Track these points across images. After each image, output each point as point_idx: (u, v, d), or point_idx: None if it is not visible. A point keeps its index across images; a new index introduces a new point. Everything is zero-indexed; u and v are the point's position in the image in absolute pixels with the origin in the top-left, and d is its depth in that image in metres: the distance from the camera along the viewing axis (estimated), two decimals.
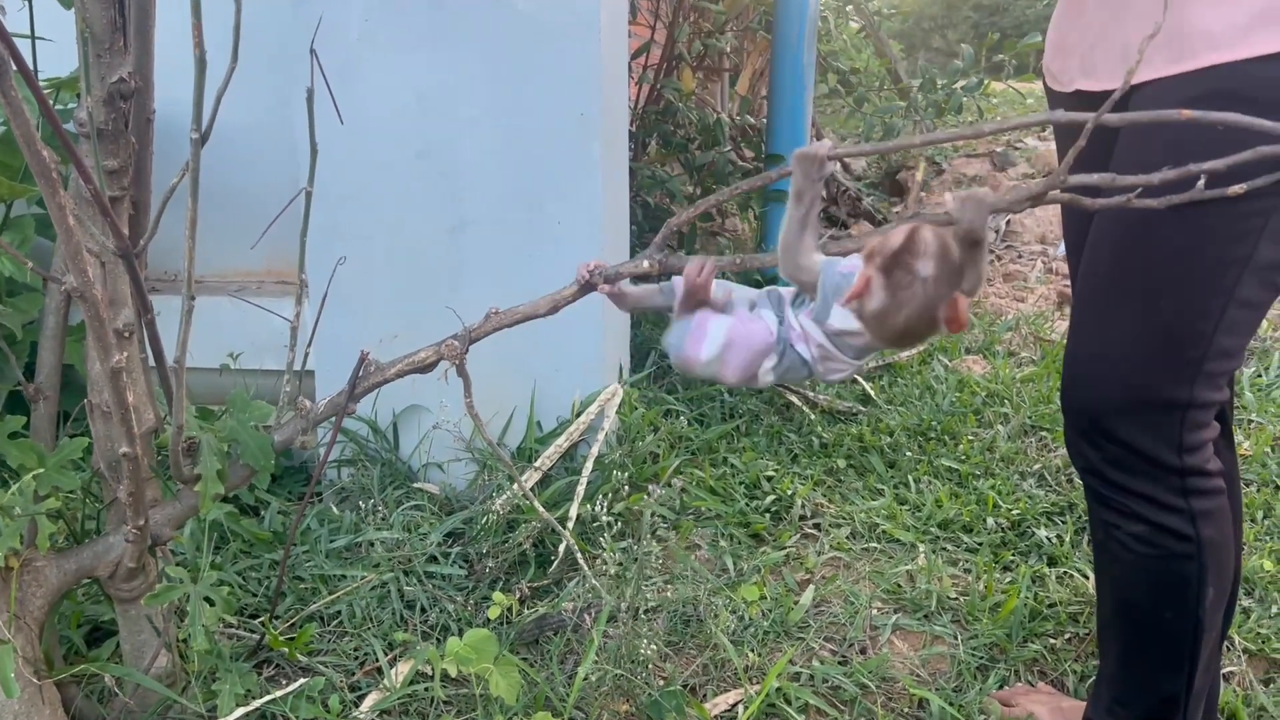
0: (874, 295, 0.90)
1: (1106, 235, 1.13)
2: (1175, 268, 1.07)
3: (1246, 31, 1.01)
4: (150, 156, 1.26)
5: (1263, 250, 1.05)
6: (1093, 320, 1.16)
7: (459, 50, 1.92)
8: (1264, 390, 2.68)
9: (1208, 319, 1.07)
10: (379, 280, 2.05)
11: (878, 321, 0.92)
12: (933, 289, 0.88)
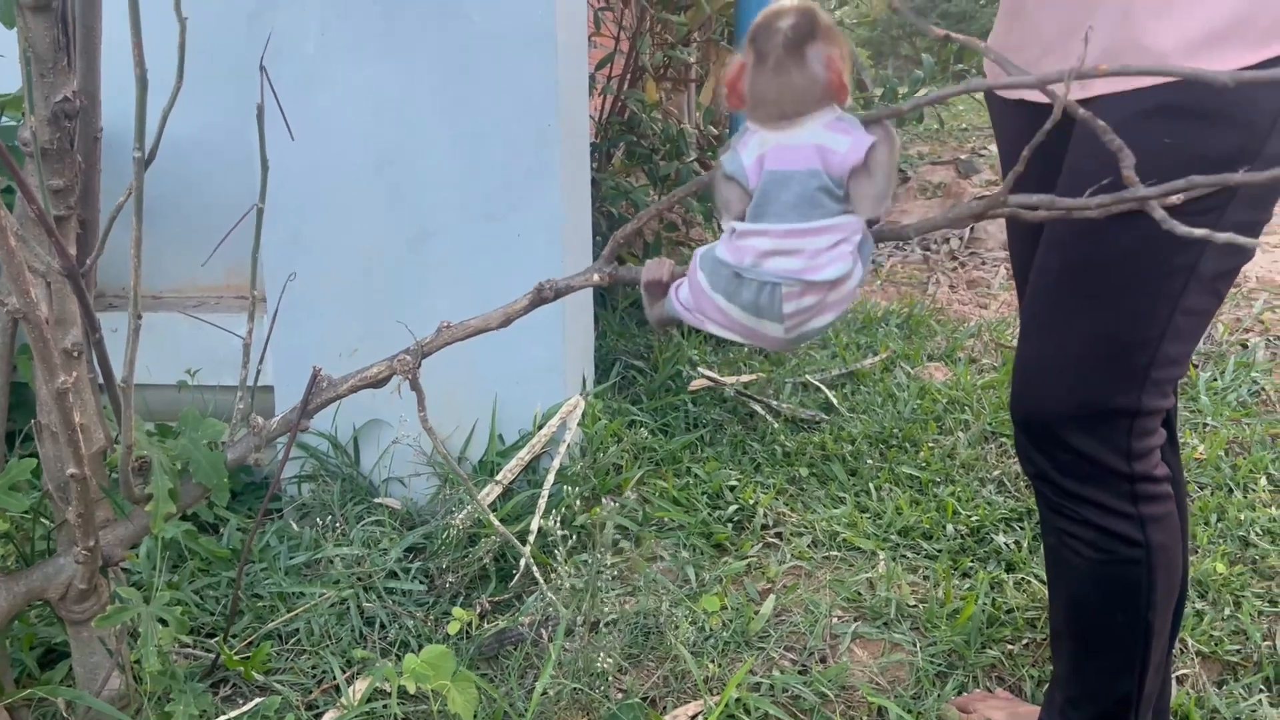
0: (747, 73, 0.91)
1: (1056, 246, 1.15)
2: (1122, 277, 1.08)
3: (1196, 49, 1.03)
4: (98, 174, 1.25)
5: (1207, 259, 1.07)
6: (1042, 329, 1.17)
7: (416, 62, 1.92)
8: (1219, 394, 2.72)
9: (1154, 327, 1.09)
10: (339, 292, 2.04)
11: (757, 100, 0.91)
12: (796, 40, 0.88)
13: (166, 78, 1.07)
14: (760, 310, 0.93)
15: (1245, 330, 3.26)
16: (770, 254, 0.91)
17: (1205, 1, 1.02)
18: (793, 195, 0.90)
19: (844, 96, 0.91)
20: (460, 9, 1.88)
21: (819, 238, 0.91)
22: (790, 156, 0.91)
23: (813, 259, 0.90)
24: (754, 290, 0.92)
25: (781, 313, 0.92)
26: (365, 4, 1.89)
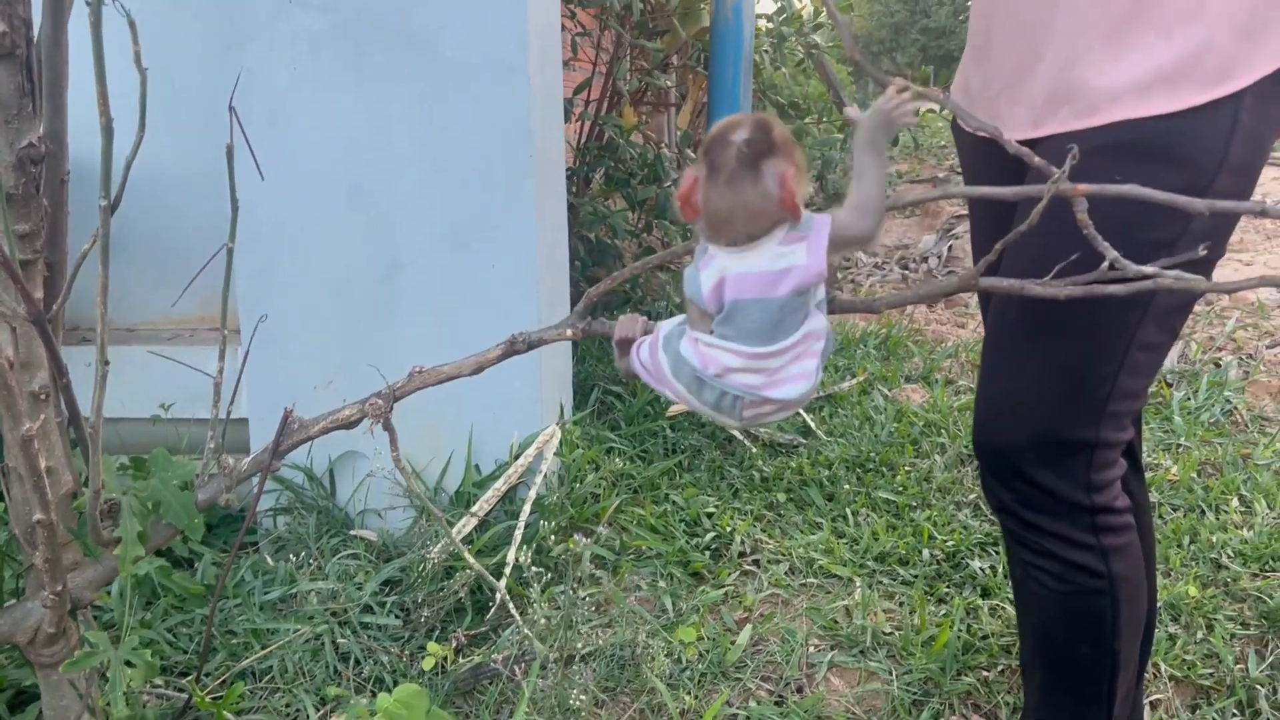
0: (701, 186, 0.90)
1: (1018, 274, 1.16)
2: (1079, 313, 1.10)
3: (1147, 90, 1.05)
4: (65, 217, 1.25)
5: (1161, 295, 1.09)
6: (1002, 362, 1.19)
7: (388, 95, 1.92)
8: (1192, 414, 2.74)
9: (1110, 362, 1.10)
10: (312, 324, 2.04)
11: (710, 216, 0.91)
12: (750, 155, 0.88)
13: (134, 120, 1.07)
14: (720, 410, 0.96)
15: (1218, 349, 3.30)
16: (735, 370, 0.93)
17: (1154, 44, 1.04)
18: (754, 323, 0.91)
19: (798, 215, 0.90)
20: (432, 42, 1.89)
21: (782, 357, 0.93)
22: (751, 284, 0.91)
23: (774, 376, 0.93)
24: (715, 395, 0.95)
25: (741, 416, 0.95)
26: (336, 39, 1.90)
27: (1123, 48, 1.05)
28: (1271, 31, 1.02)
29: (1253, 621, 1.78)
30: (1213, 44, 1.02)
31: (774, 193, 0.88)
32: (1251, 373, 3.05)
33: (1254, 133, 1.05)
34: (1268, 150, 1.11)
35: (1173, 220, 1.05)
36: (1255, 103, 1.04)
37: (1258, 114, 1.05)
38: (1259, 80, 1.03)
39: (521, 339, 1.24)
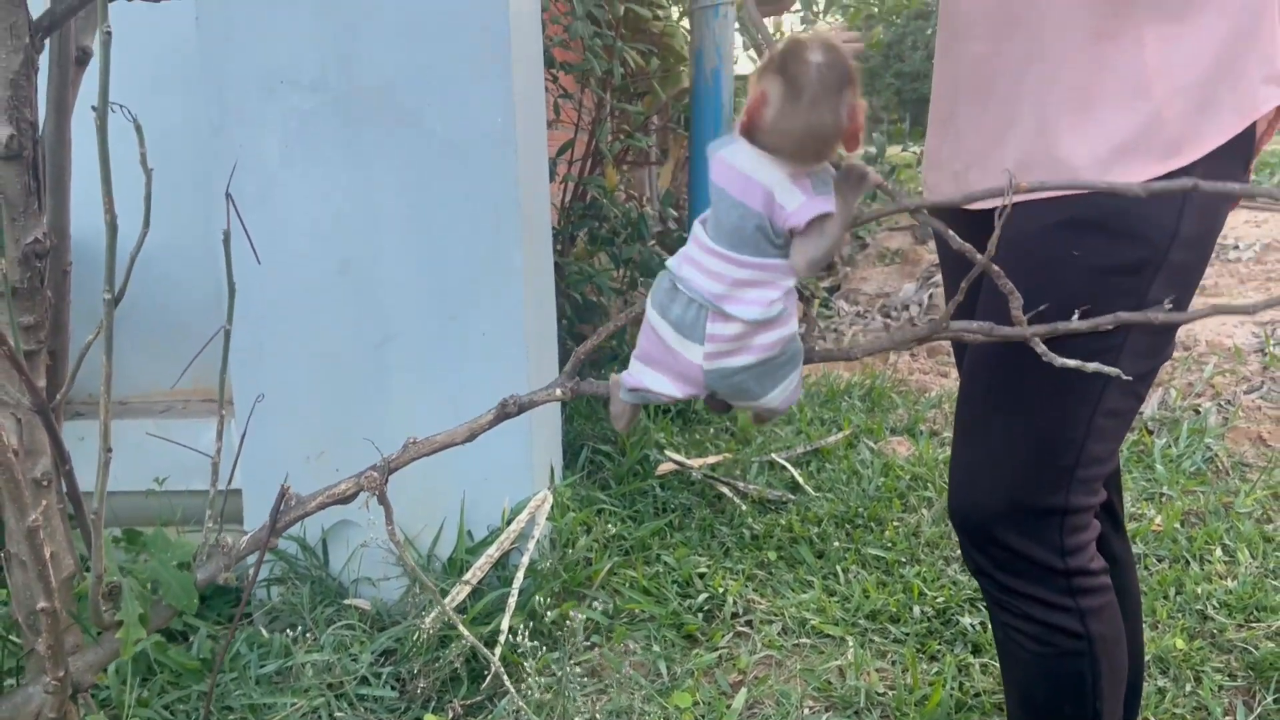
0: (770, 103, 0.87)
1: (984, 347, 1.20)
2: (1046, 380, 1.13)
3: (1105, 164, 1.09)
4: (67, 306, 1.28)
5: (1124, 363, 1.12)
6: (971, 431, 1.22)
7: (377, 170, 1.97)
8: (1174, 461, 2.78)
9: (1077, 429, 1.14)
10: (305, 396, 2.06)
11: (778, 132, 0.88)
12: (833, 81, 0.86)
13: (133, 209, 1.10)
14: (684, 328, 0.92)
15: (1197, 395, 3.35)
16: (697, 266, 0.91)
17: (1113, 118, 1.08)
18: (730, 223, 0.90)
19: (855, 147, 0.89)
20: (420, 118, 1.94)
21: (742, 270, 0.90)
22: (743, 187, 0.89)
23: (732, 289, 0.90)
24: (683, 305, 0.92)
25: (704, 333, 0.91)
26: (326, 116, 1.94)
27: (1082, 121, 1.10)
28: (1220, 107, 1.07)
29: (1240, 673, 1.81)
30: (1163, 118, 1.06)
31: (844, 123, 0.87)
32: (1230, 418, 3.10)
33: (1206, 206, 1.10)
34: (1222, 221, 1.16)
35: (1131, 293, 1.09)
36: (1206, 175, 1.08)
37: (1212, 180, 1.09)
38: (1209, 154, 1.08)
39: (512, 402, 1.26)
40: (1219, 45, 1.06)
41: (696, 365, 0.93)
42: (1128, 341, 1.12)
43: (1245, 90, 1.06)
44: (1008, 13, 1.14)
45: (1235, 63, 1.06)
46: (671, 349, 0.94)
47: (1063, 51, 1.11)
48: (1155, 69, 1.06)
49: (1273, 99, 1.08)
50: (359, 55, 1.92)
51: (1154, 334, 1.15)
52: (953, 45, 1.28)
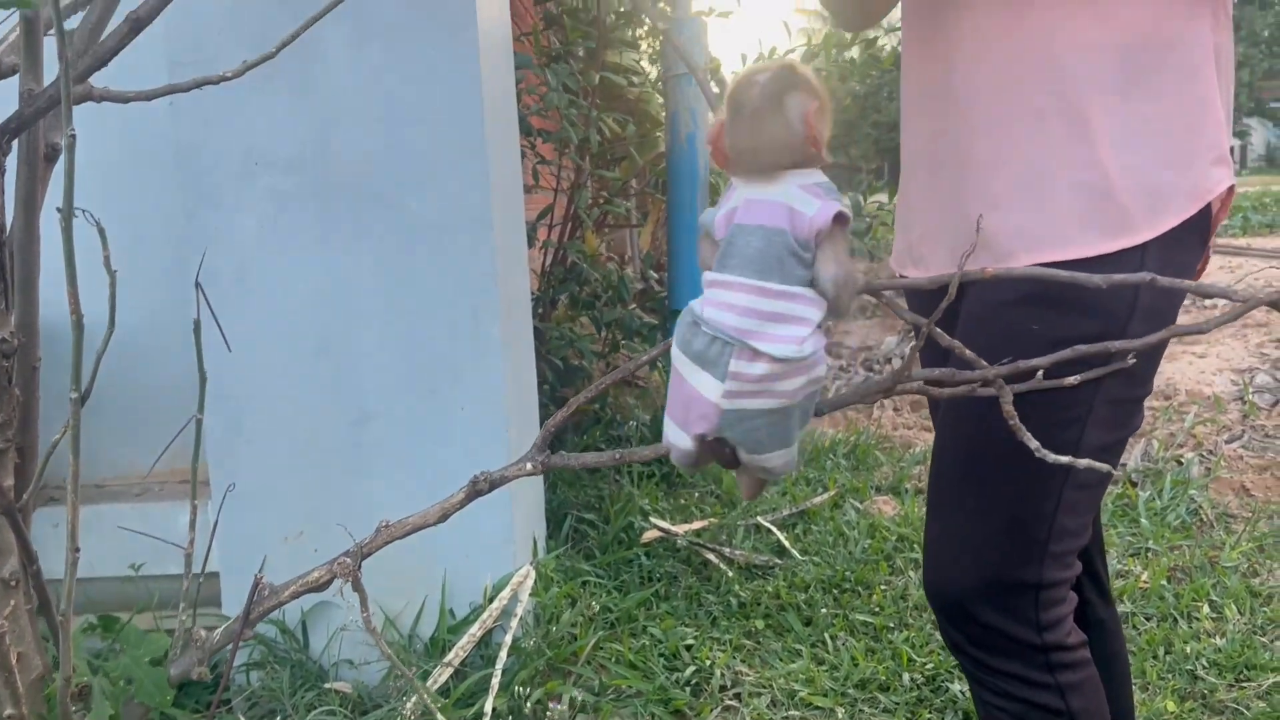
0: (728, 128, 0.90)
1: (951, 423, 1.20)
2: (1012, 455, 1.13)
3: (1057, 238, 1.10)
4: (36, 402, 1.27)
5: (1090, 435, 1.12)
6: (942, 507, 1.21)
7: (353, 252, 1.97)
8: (1159, 514, 2.78)
9: (1047, 504, 1.13)
10: (282, 476, 2.04)
11: (736, 151, 0.91)
12: (774, 90, 0.88)
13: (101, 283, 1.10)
14: (705, 361, 0.89)
15: (1179, 445, 3.36)
16: (725, 306, 0.89)
17: (1065, 194, 1.09)
18: (754, 249, 0.89)
19: (819, 149, 0.90)
20: (397, 199, 1.95)
21: (774, 301, 0.88)
22: (759, 211, 0.89)
23: (763, 324, 0.88)
24: (706, 341, 0.89)
25: (726, 370, 0.88)
26: (303, 199, 1.95)
27: (1034, 197, 1.11)
28: (1172, 190, 1.08)
29: None
30: (1115, 195, 1.06)
31: (797, 126, 0.88)
32: (1213, 469, 3.11)
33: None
34: (1181, 296, 1.17)
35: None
36: (1162, 251, 1.09)
37: (1166, 261, 1.09)
38: (1165, 232, 1.09)
39: (484, 479, 1.25)
40: (1166, 126, 1.07)
41: (710, 402, 0.90)
42: (1093, 413, 1.12)
43: (1196, 172, 1.08)
44: (954, 90, 1.16)
45: (1183, 145, 1.08)
46: (685, 380, 0.92)
47: (1011, 128, 1.12)
48: (1104, 146, 1.08)
49: (1223, 180, 1.09)
50: (336, 137, 1.94)
51: (1120, 405, 1.15)
52: (908, 119, 1.30)
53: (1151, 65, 1.09)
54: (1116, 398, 1.13)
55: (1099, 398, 1.12)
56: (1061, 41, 1.09)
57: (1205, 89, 1.10)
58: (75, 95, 1.07)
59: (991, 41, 1.13)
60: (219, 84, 1.91)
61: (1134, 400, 1.17)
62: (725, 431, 0.91)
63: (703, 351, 0.89)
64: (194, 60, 1.90)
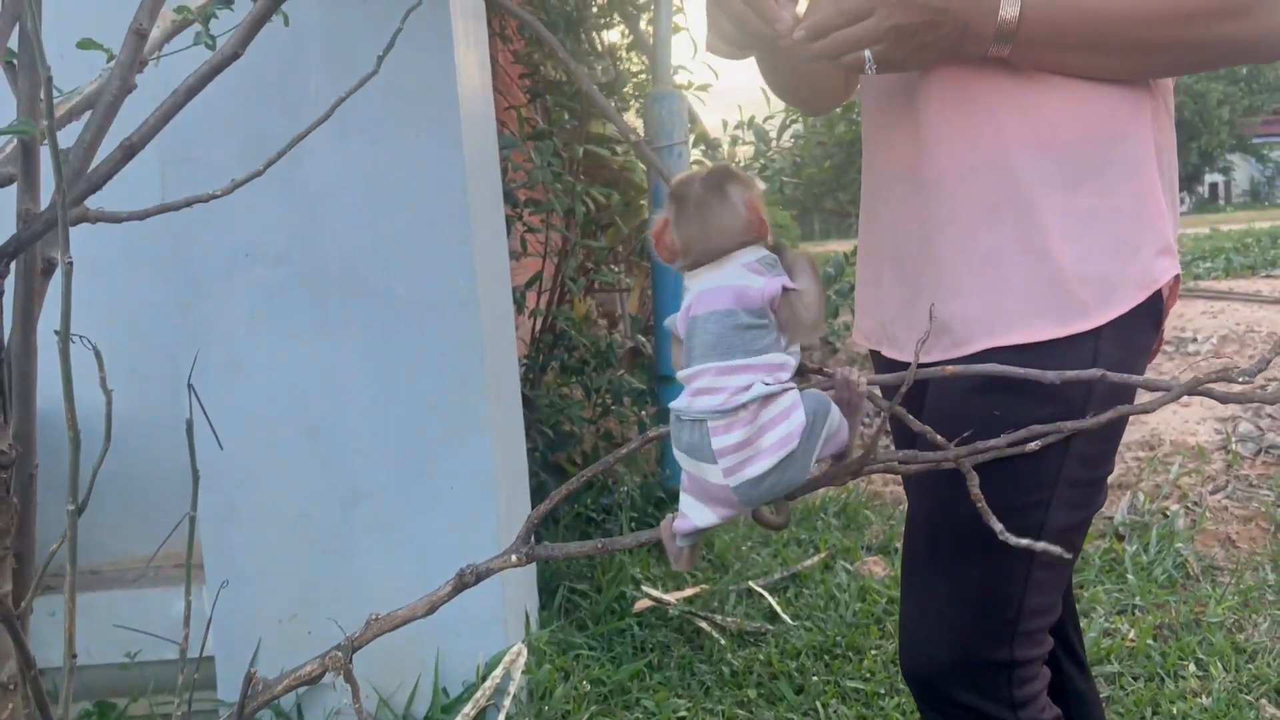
0: (669, 223, 0.95)
1: (919, 507, 1.24)
2: (978, 538, 1.16)
3: (1009, 323, 1.15)
4: (34, 509, 1.30)
5: (1054, 517, 1.16)
6: (913, 589, 1.25)
7: (342, 338, 2.02)
8: (1145, 569, 2.81)
9: (1014, 584, 1.17)
10: (275, 559, 2.07)
11: (685, 246, 0.95)
12: (715, 182, 0.94)
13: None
14: (695, 451, 0.92)
15: (1164, 497, 3.39)
16: (698, 392, 0.92)
17: (1019, 281, 1.14)
18: (711, 336, 0.92)
19: (765, 232, 0.95)
20: (384, 284, 2.00)
21: (738, 376, 0.91)
22: (709, 300, 0.93)
23: (733, 396, 0.90)
24: (689, 430, 0.92)
25: (712, 450, 0.90)
26: (292, 287, 2.00)
27: (992, 284, 1.16)
28: (1121, 278, 1.13)
29: None
30: (1067, 283, 1.11)
31: (740, 210, 0.94)
32: (1199, 521, 3.14)
33: (1119, 362, 1.14)
34: (1140, 373, 1.21)
35: (1053, 447, 1.13)
36: (1116, 334, 1.14)
37: (1120, 344, 1.14)
38: (1117, 316, 1.14)
39: (470, 571, 1.27)
40: (1112, 218, 1.13)
41: (721, 485, 0.92)
42: (1055, 494, 1.16)
43: (1142, 262, 1.13)
44: (916, 179, 1.22)
45: (1129, 237, 1.13)
46: (693, 475, 0.94)
47: (969, 216, 1.17)
48: (1054, 237, 1.13)
49: (1169, 270, 1.15)
50: (323, 228, 1.99)
51: (1082, 485, 1.19)
52: (872, 205, 1.35)
53: (1097, 162, 1.15)
54: (1079, 479, 1.17)
55: (1061, 479, 1.16)
56: (1011, 139, 1.15)
57: (1148, 184, 1.16)
58: (72, 217, 1.12)
59: (947, 137, 1.19)
60: (212, 179, 1.97)
61: (1096, 480, 1.21)
62: (750, 503, 0.94)
63: (693, 443, 0.92)
64: (185, 158, 1.96)
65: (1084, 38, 1.11)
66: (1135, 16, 1.09)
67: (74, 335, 1.01)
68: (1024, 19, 1.08)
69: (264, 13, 1.20)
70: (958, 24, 1.09)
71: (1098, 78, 1.14)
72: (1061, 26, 1.10)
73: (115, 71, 1.23)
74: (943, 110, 1.18)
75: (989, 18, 1.09)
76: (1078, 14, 1.10)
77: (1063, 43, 1.11)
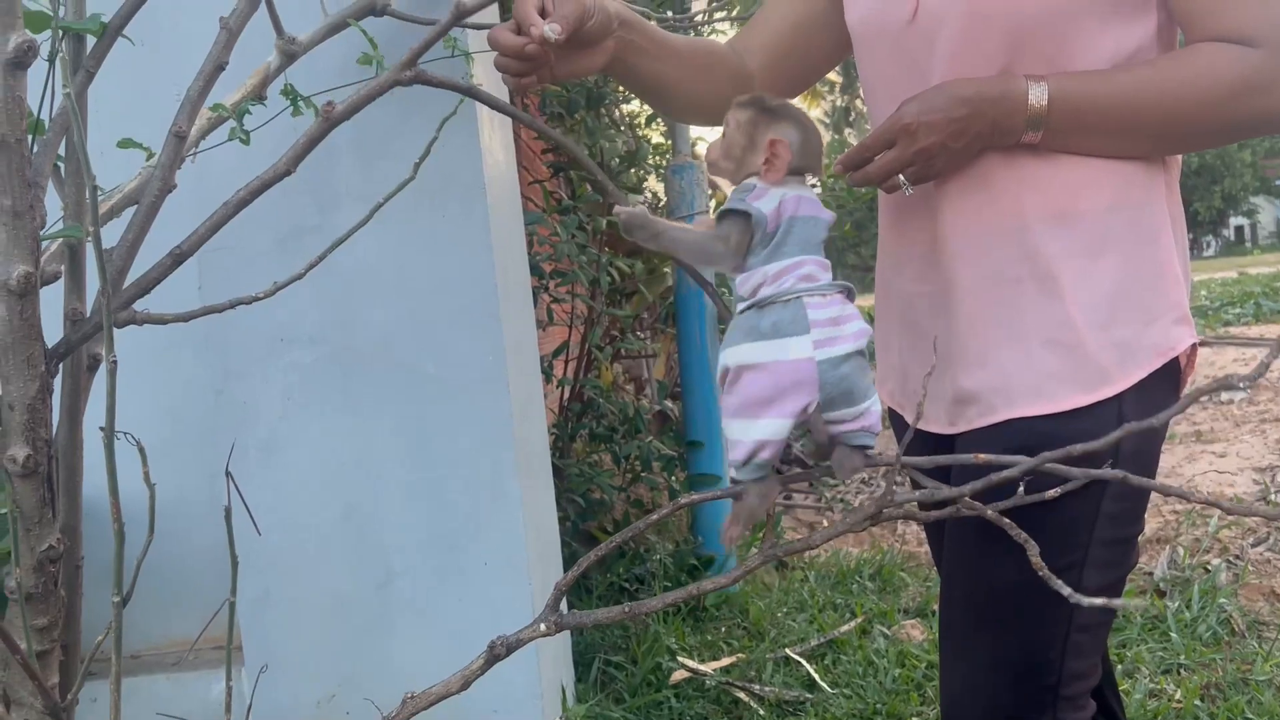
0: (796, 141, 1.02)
1: (952, 579, 1.24)
2: (1014, 604, 1.17)
3: (1036, 391, 1.16)
4: (80, 599, 1.32)
5: (1089, 578, 1.16)
6: (952, 656, 1.25)
7: (375, 417, 2.05)
8: (1189, 626, 2.76)
9: (1053, 649, 1.17)
10: (313, 641, 2.08)
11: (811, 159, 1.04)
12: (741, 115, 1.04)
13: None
14: (782, 329, 0.96)
15: (1205, 551, 3.34)
16: (803, 278, 0.98)
17: (1041, 352, 1.16)
18: (816, 235, 1.01)
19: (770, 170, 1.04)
20: (415, 364, 2.03)
21: (829, 272, 1.01)
22: (809, 206, 1.02)
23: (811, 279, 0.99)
24: (776, 311, 0.97)
25: (808, 321, 0.96)
26: (326, 369, 2.04)
27: (1014, 354, 1.17)
28: (1139, 346, 1.14)
29: None
30: (1088, 351, 1.13)
31: (754, 142, 1.04)
32: (1241, 575, 3.09)
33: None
34: (1163, 435, 1.22)
35: (1084, 511, 1.14)
36: (1139, 397, 1.14)
37: (1142, 408, 1.15)
38: (1137, 382, 1.15)
39: (500, 643, 1.28)
40: (1130, 287, 1.15)
41: (805, 361, 0.95)
42: (1089, 555, 1.16)
43: (1160, 330, 1.15)
44: (934, 254, 1.24)
45: (1147, 305, 1.15)
46: (765, 366, 0.97)
47: (989, 291, 1.19)
48: (1074, 306, 1.15)
49: (1185, 339, 1.16)
50: (356, 311, 2.03)
51: (1114, 545, 1.19)
52: (885, 276, 1.37)
53: (1115, 231, 1.17)
54: (1111, 539, 1.18)
55: (1094, 540, 1.17)
56: (1030, 211, 1.18)
57: (1164, 253, 1.18)
58: (119, 320, 1.17)
59: (965, 212, 1.21)
60: (248, 269, 2.03)
61: (1128, 539, 1.21)
62: (825, 386, 0.96)
63: (776, 321, 0.96)
64: (221, 248, 2.00)
65: (1114, 121, 1.13)
66: (1163, 100, 1.11)
67: (119, 432, 1.04)
68: (1052, 105, 1.11)
69: (318, 134, 1.26)
70: (985, 122, 1.12)
71: (1127, 158, 1.16)
72: (1090, 111, 1.12)
73: (156, 173, 1.28)
74: (960, 186, 1.21)
75: (1019, 109, 1.12)
76: (1106, 99, 1.12)
77: (1092, 127, 1.13)
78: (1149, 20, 1.16)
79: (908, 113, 1.13)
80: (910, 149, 1.14)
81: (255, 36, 1.49)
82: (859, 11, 1.30)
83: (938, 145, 1.13)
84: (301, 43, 1.68)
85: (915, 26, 1.19)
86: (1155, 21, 1.16)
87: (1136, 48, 1.16)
